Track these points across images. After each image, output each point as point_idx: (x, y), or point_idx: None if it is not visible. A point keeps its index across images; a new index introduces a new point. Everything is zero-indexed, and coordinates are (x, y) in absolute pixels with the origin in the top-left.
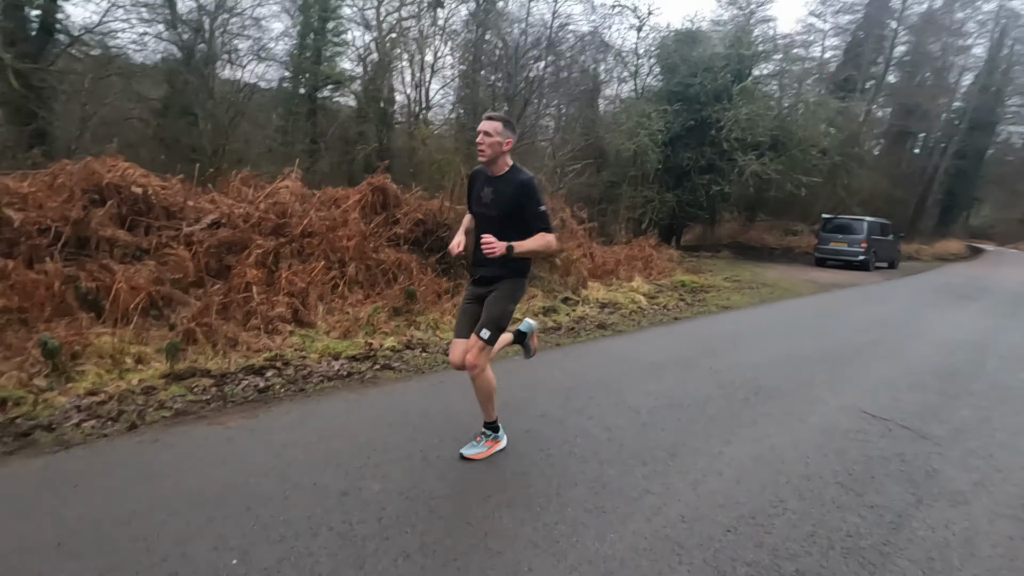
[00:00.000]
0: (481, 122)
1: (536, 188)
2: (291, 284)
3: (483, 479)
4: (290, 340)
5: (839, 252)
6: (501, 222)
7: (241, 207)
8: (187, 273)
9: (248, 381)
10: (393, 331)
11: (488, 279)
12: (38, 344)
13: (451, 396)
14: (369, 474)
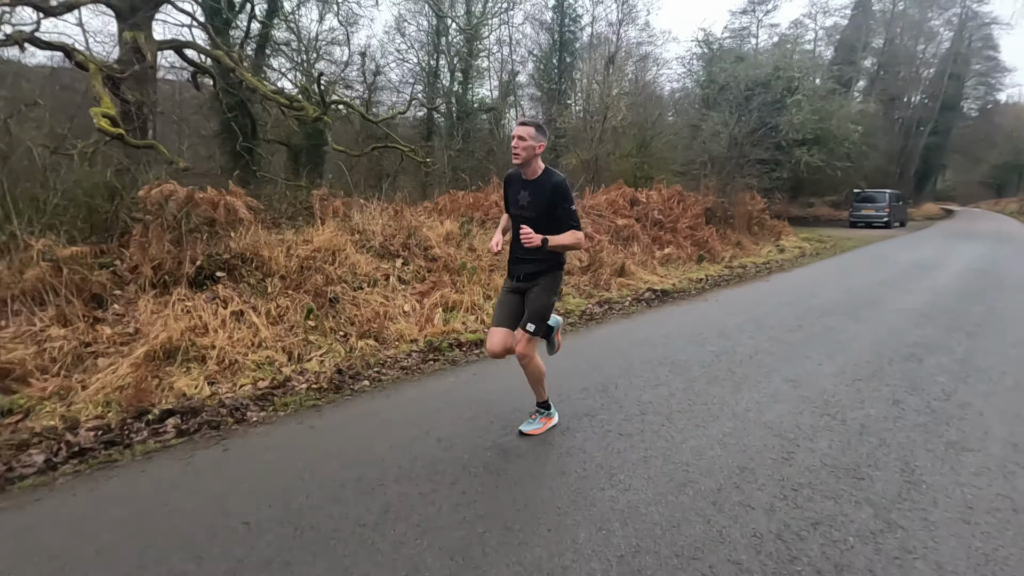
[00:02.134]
0: (515, 127)
1: (568, 189)
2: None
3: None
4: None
5: (869, 216)
6: (538, 222)
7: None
8: (636, 234)
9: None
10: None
11: (529, 275)
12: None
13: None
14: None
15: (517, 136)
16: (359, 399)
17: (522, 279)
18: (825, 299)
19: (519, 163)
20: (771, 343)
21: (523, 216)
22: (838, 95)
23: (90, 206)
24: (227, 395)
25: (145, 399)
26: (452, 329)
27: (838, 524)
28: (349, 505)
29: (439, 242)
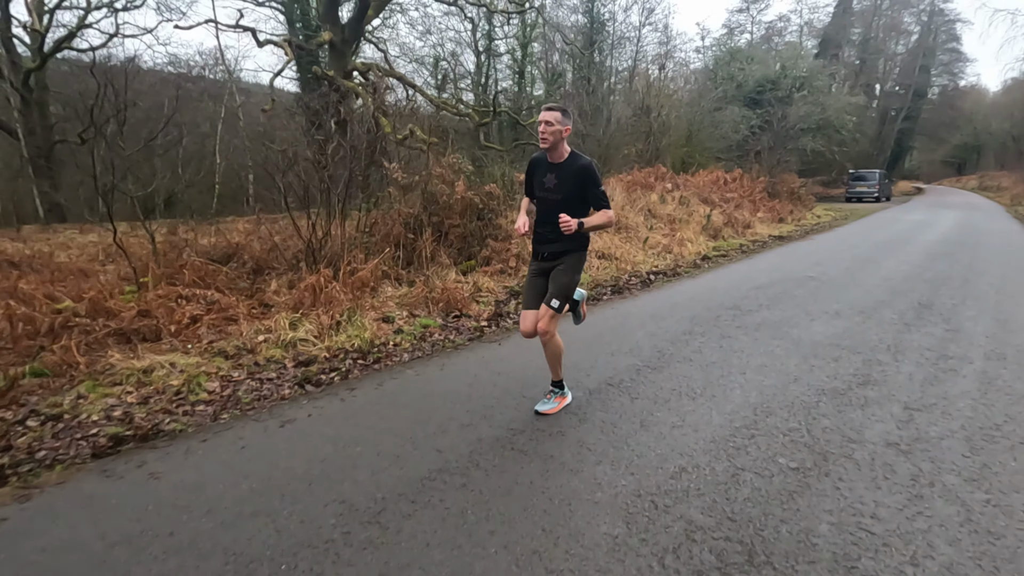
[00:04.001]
0: (541, 113)
1: (596, 171)
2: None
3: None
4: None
5: (861, 192)
6: (565, 204)
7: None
8: (742, 203)
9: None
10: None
11: (555, 254)
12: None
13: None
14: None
15: (544, 121)
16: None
17: (547, 257)
18: (869, 244)
19: (546, 147)
20: (846, 266)
21: (550, 198)
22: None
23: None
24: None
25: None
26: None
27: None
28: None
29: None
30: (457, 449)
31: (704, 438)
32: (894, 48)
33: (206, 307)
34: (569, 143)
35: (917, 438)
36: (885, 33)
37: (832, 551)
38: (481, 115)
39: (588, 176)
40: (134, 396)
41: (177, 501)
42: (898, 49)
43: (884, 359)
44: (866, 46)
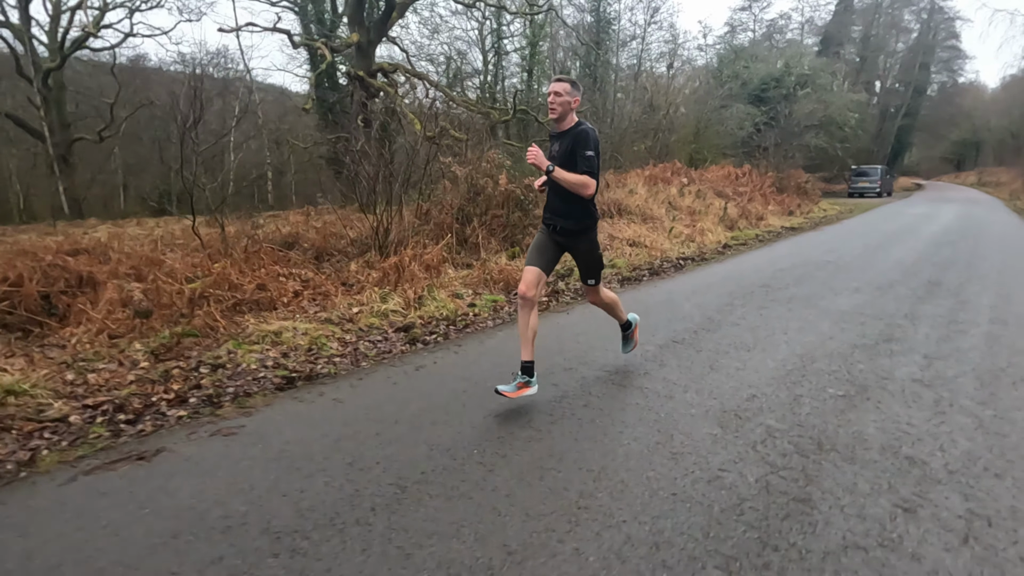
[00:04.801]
0: (551, 84)
1: (588, 136)
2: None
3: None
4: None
5: (864, 187)
6: (565, 167)
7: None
8: (754, 196)
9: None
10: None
11: (565, 231)
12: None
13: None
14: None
15: (553, 92)
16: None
17: (558, 231)
18: (878, 233)
19: (555, 117)
20: (859, 252)
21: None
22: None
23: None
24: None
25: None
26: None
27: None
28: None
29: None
30: (569, 384)
31: (765, 376)
32: (894, 45)
33: (302, 284)
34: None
35: (936, 377)
36: (885, 31)
37: (880, 443)
38: (501, 113)
39: (579, 139)
40: (274, 352)
41: (367, 416)
42: (898, 46)
43: (903, 323)
44: (867, 43)
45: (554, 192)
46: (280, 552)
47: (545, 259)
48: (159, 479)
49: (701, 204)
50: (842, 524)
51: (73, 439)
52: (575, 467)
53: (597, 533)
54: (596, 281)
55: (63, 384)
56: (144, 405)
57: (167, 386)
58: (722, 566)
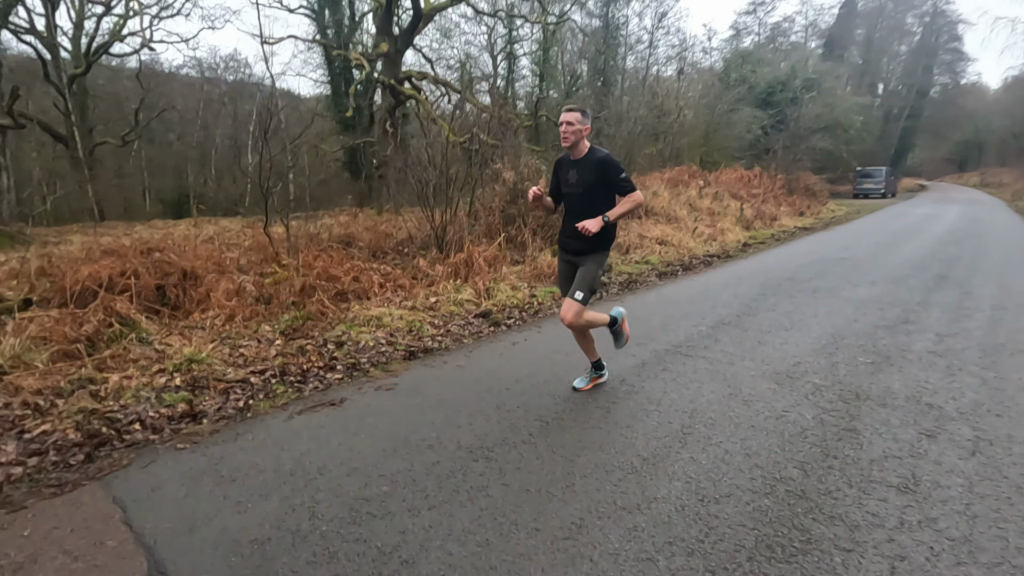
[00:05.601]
0: (562, 114)
1: (614, 160)
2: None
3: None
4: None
5: (868, 189)
6: (588, 195)
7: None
8: (767, 198)
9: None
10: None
11: (578, 251)
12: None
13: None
14: None
15: (565, 122)
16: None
17: (574, 252)
18: (887, 233)
19: (568, 146)
20: (871, 250)
21: (572, 193)
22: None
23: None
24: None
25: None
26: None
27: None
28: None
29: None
30: (645, 355)
31: (804, 348)
32: (897, 48)
33: (383, 277)
34: (594, 143)
35: (947, 349)
36: (888, 33)
37: (904, 394)
38: (524, 119)
39: (608, 166)
40: (382, 333)
41: (491, 377)
42: (901, 49)
43: (917, 309)
44: (870, 46)
45: (572, 215)
46: (478, 459)
47: (570, 285)
48: (355, 417)
49: (719, 206)
50: (881, 444)
51: (264, 394)
52: (672, 409)
53: (703, 448)
54: (583, 300)
55: (225, 356)
56: (302, 371)
57: (308, 358)
58: (798, 467)
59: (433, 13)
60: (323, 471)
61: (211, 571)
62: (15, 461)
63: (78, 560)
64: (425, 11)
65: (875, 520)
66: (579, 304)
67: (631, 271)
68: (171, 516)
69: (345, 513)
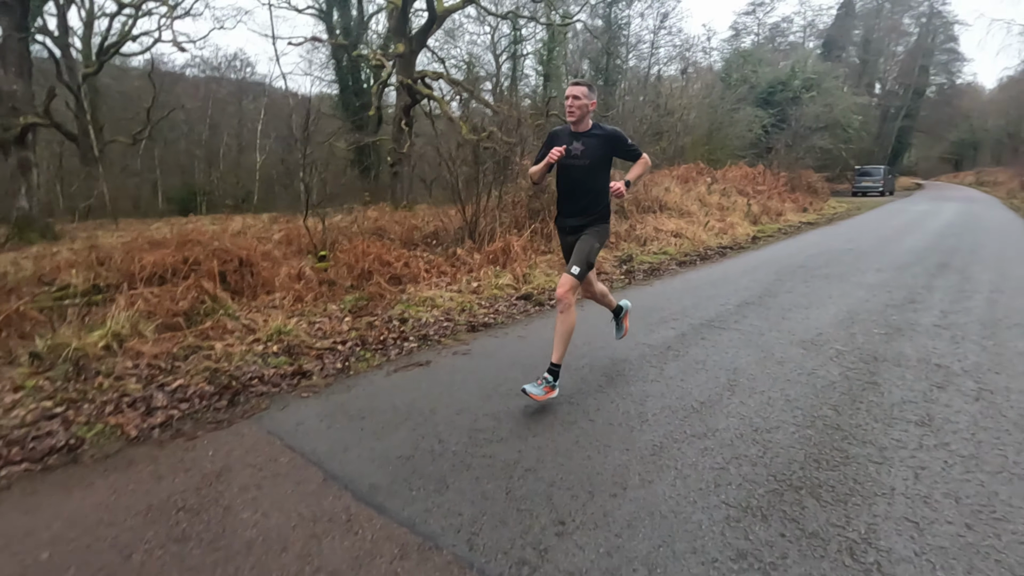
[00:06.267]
0: (568, 88)
1: (622, 134)
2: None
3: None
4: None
5: (867, 186)
6: (593, 168)
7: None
8: (772, 194)
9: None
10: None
11: (577, 228)
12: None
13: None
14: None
15: (572, 96)
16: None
17: (572, 231)
18: (888, 227)
19: (573, 120)
20: (875, 242)
21: (576, 164)
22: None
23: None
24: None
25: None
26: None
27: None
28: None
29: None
30: (682, 328)
31: (824, 323)
32: (894, 48)
33: (427, 264)
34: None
35: (951, 323)
36: (886, 34)
37: (916, 357)
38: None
39: (620, 139)
40: (438, 312)
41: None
42: (898, 50)
43: (922, 292)
44: (867, 47)
45: (568, 195)
46: (562, 404)
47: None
48: (445, 374)
49: (727, 201)
50: (899, 393)
51: (356, 359)
52: (716, 368)
53: (749, 396)
54: (579, 274)
55: (305, 329)
56: (380, 341)
57: (379, 331)
58: (832, 408)
59: (446, 15)
60: (435, 412)
61: (374, 476)
62: (169, 406)
63: (262, 470)
64: (439, 13)
65: (899, 443)
66: (574, 278)
67: (652, 261)
68: (323, 442)
69: (466, 439)
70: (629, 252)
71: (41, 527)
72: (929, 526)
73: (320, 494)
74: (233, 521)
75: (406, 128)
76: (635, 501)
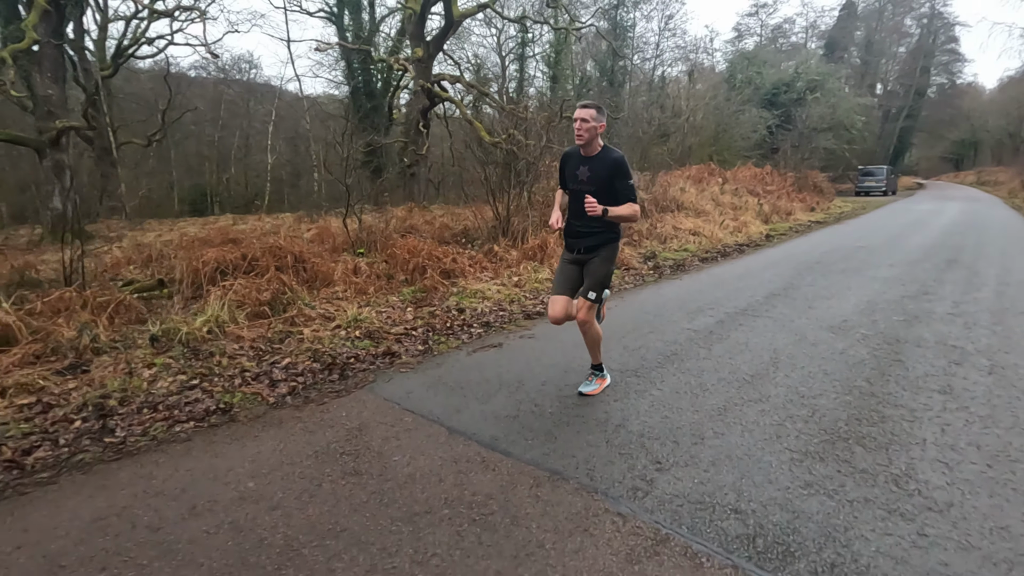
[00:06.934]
0: (576, 110)
1: (626, 165)
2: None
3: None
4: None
5: (870, 186)
6: (597, 195)
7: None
8: (780, 194)
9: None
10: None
11: (589, 248)
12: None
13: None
14: None
15: (580, 119)
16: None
17: (582, 252)
18: (895, 226)
19: (582, 143)
20: (884, 240)
21: (583, 189)
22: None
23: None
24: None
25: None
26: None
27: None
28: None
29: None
30: (719, 316)
31: (848, 311)
32: (895, 49)
33: (469, 260)
34: (609, 143)
35: (963, 312)
36: (888, 35)
37: (933, 340)
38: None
39: (619, 169)
40: (490, 303)
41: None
42: (899, 50)
43: (933, 284)
44: (869, 48)
45: (575, 216)
46: (630, 377)
47: (568, 286)
48: (518, 353)
49: (739, 201)
50: (921, 368)
51: (435, 341)
52: (758, 348)
53: (791, 370)
54: (596, 299)
55: (376, 317)
56: (446, 327)
57: (442, 319)
58: (865, 380)
59: (462, 20)
60: (522, 383)
61: (491, 430)
62: (288, 379)
63: (394, 427)
64: (455, 17)
65: (926, 406)
66: (591, 303)
67: (675, 257)
68: (435, 406)
69: (557, 404)
70: (652, 249)
71: (235, 466)
72: (957, 465)
73: (450, 444)
74: (389, 461)
75: (424, 130)
76: (714, 448)
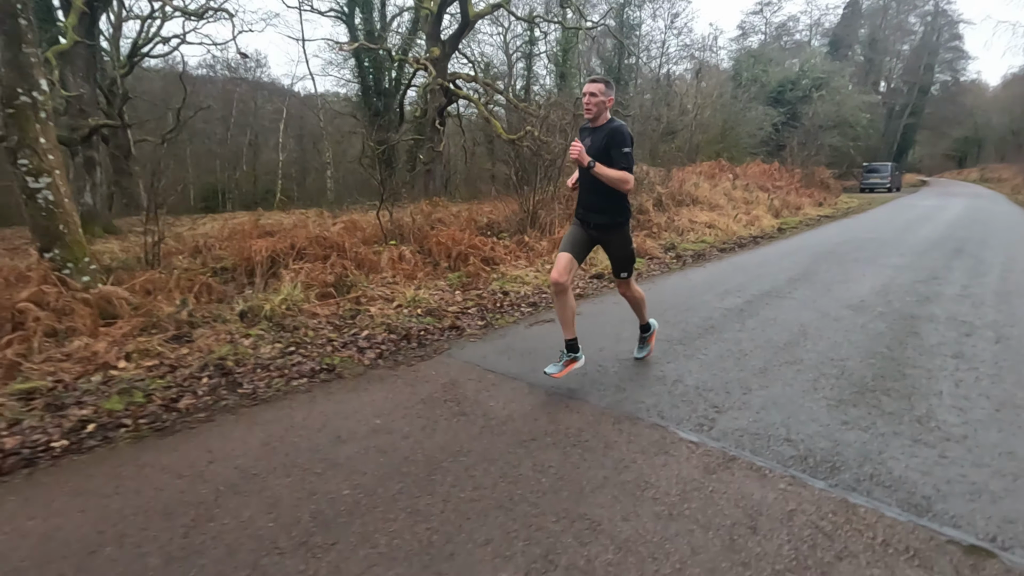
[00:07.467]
0: (586, 85)
1: (623, 133)
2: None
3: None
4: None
5: (875, 183)
6: (599, 162)
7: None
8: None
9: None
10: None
11: (599, 226)
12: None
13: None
14: None
15: (588, 92)
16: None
17: (592, 227)
18: (902, 220)
19: (590, 117)
20: (893, 232)
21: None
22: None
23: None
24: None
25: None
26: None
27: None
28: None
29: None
30: (748, 296)
31: (864, 293)
32: (899, 47)
33: (503, 248)
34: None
35: (970, 294)
36: (892, 33)
37: (944, 316)
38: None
39: (614, 137)
40: (530, 288)
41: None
42: (903, 48)
43: (942, 271)
44: (874, 46)
45: (587, 189)
46: (676, 345)
47: (577, 248)
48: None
49: (750, 196)
50: (935, 337)
51: (492, 317)
52: (787, 322)
53: (819, 339)
54: (628, 275)
55: (432, 298)
56: (496, 307)
57: (490, 300)
58: (885, 348)
59: (477, 19)
60: (583, 349)
61: (568, 385)
62: (371, 347)
63: (480, 381)
64: (471, 17)
65: (941, 367)
66: (625, 280)
67: (695, 248)
68: (512, 366)
69: (618, 365)
70: (671, 241)
71: (359, 409)
72: (970, 409)
73: (534, 394)
74: (486, 406)
75: (441, 128)
76: (761, 397)
